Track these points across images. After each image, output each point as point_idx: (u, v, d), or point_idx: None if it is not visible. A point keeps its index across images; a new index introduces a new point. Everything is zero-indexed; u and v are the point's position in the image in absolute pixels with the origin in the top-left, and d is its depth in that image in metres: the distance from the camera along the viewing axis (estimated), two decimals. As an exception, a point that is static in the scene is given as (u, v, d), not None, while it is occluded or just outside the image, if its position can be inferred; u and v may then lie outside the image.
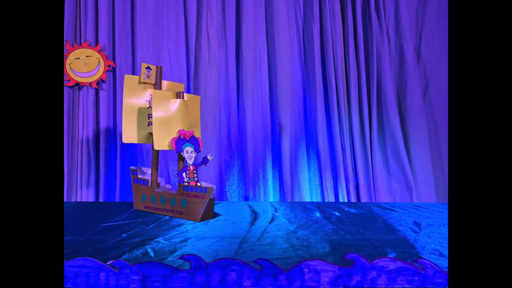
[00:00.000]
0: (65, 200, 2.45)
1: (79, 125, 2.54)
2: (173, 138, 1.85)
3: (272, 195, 2.64)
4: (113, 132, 2.61)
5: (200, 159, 1.89)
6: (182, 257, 1.01)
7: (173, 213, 1.88)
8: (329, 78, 2.66)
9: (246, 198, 2.63)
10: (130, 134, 1.98)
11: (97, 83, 2.56)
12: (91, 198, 2.53)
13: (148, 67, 2.00)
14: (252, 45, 2.65)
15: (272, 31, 2.68)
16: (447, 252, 1.29)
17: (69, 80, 2.51)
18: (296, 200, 2.62)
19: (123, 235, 1.52)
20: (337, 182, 2.65)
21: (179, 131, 1.87)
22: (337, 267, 0.98)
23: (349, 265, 0.98)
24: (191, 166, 1.86)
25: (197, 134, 1.98)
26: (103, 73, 2.55)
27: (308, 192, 2.66)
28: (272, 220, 1.80)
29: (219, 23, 2.66)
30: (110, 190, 2.58)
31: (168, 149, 1.87)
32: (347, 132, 2.68)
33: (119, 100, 2.58)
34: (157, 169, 2.03)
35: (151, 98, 1.99)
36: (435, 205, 2.22)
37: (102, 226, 1.68)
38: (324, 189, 2.64)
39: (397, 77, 2.73)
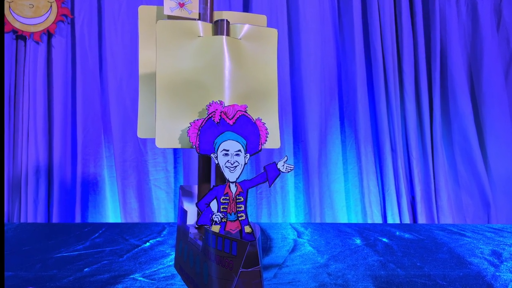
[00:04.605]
0: (5, 220, 2.44)
1: (23, 112, 2.53)
2: (192, 123, 1.16)
3: (294, 213, 2.63)
4: (72, 121, 2.60)
5: (261, 170, 1.19)
6: None
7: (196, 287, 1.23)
8: (373, 51, 2.64)
9: (258, 218, 2.61)
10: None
11: (42, 36, 2.52)
12: (41, 218, 2.52)
13: None
14: (265, 4, 2.62)
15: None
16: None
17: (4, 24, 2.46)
18: (328, 220, 2.60)
19: (86, 269, 1.50)
20: (384, 195, 2.63)
21: (209, 105, 1.18)
22: None
23: None
24: (232, 186, 1.17)
25: (264, 114, 1.28)
26: (53, 23, 2.52)
27: (345, 210, 2.65)
28: (293, 249, 1.79)
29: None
30: (67, 207, 2.57)
31: (181, 147, 1.25)
32: (398, 127, 2.64)
33: (78, 76, 2.58)
34: (208, 188, 1.31)
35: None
36: (523, 229, 2.19)
37: (56, 257, 1.66)
38: (367, 205, 2.60)
39: (469, 50, 2.72)
